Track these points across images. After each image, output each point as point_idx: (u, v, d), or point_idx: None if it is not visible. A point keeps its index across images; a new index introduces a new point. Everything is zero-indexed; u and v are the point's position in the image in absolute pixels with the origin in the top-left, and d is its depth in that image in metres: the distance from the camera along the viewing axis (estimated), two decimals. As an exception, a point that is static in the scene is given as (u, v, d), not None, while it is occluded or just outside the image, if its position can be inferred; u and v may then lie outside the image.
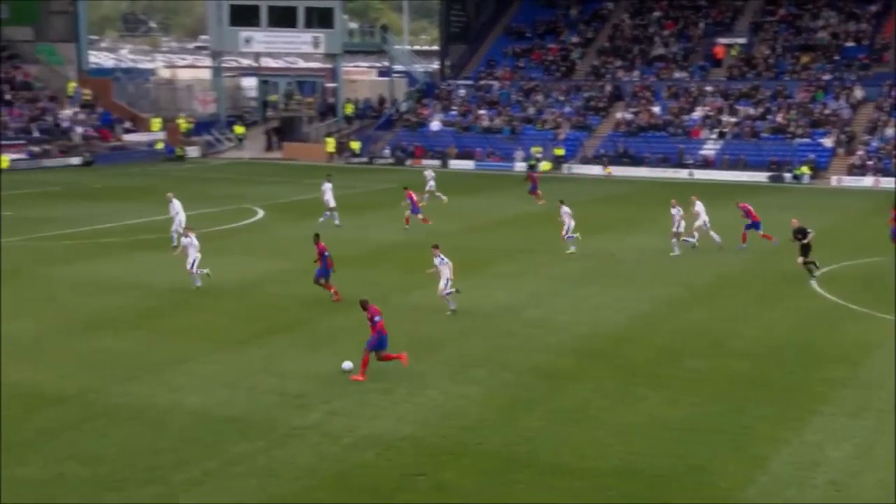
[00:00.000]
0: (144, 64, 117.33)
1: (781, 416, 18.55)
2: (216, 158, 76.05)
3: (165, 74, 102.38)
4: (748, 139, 65.68)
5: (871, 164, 60.72)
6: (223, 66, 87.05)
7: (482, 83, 79.10)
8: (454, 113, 76.13)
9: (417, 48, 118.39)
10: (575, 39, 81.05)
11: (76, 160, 68.26)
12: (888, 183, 56.45)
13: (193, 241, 29.07)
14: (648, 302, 27.80)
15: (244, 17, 78.79)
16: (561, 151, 68.16)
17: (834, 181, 60.01)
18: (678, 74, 74.23)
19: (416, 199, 40.69)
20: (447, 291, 25.83)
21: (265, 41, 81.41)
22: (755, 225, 35.16)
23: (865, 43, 71.23)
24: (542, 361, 22.06)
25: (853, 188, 58.17)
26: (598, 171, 65.63)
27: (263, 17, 79.09)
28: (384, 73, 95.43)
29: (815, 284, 29.80)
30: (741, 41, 74.61)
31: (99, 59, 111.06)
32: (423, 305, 26.97)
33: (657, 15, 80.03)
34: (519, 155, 68.55)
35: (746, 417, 18.45)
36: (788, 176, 61.25)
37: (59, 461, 16.23)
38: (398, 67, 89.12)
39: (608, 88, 74.32)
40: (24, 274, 31.52)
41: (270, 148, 79.79)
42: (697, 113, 69.21)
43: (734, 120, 67.69)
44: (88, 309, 26.71)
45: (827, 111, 66.03)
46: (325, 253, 27.33)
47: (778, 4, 76.52)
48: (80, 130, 72.43)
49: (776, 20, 75.65)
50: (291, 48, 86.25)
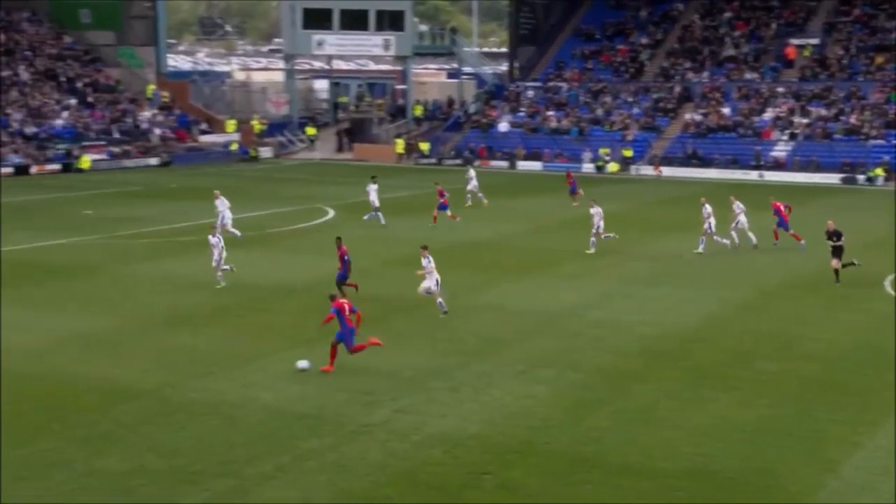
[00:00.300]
0: (220, 67, 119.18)
1: (854, 419, 18.30)
2: (288, 159, 77.05)
3: (240, 77, 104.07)
4: (820, 140, 64.65)
5: (948, 165, 59.57)
6: (296, 68, 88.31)
7: (550, 84, 78.97)
8: (522, 114, 76.12)
9: (486, 50, 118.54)
10: (644, 41, 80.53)
11: (154, 160, 69.75)
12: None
13: (220, 241, 29.57)
14: (717, 303, 27.63)
15: (317, 20, 79.71)
16: (629, 153, 67.83)
17: (909, 183, 58.97)
18: (749, 75, 73.33)
19: (446, 196, 41.41)
20: (437, 292, 25.69)
21: (337, 44, 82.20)
22: (783, 224, 35.30)
23: (943, 43, 69.85)
24: (609, 362, 22.03)
25: (930, 190, 56.95)
26: (656, 171, 65.45)
27: (336, 19, 79.94)
28: (453, 75, 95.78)
29: (888, 287, 29.37)
30: (814, 42, 73.46)
31: (177, 62, 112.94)
32: (490, 305, 27.15)
33: (728, 16, 79.17)
34: (587, 156, 68.36)
35: (818, 420, 18.26)
36: (862, 178, 60.25)
37: (138, 454, 16.61)
38: (467, 69, 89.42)
39: (677, 90, 73.73)
40: (103, 271, 32.36)
41: (341, 149, 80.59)
42: (768, 114, 68.33)
43: (806, 121, 66.70)
44: (165, 306, 27.30)
45: (902, 112, 64.89)
46: (345, 257, 27.67)
47: (852, 5, 75.22)
48: (158, 132, 73.95)
49: (850, 20, 74.36)
50: (362, 51, 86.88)
